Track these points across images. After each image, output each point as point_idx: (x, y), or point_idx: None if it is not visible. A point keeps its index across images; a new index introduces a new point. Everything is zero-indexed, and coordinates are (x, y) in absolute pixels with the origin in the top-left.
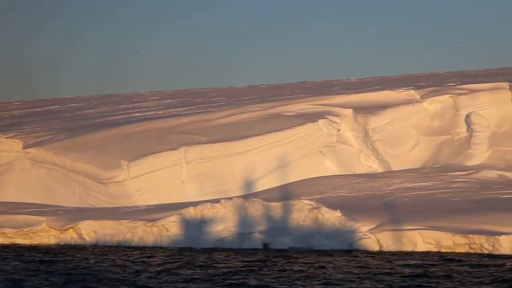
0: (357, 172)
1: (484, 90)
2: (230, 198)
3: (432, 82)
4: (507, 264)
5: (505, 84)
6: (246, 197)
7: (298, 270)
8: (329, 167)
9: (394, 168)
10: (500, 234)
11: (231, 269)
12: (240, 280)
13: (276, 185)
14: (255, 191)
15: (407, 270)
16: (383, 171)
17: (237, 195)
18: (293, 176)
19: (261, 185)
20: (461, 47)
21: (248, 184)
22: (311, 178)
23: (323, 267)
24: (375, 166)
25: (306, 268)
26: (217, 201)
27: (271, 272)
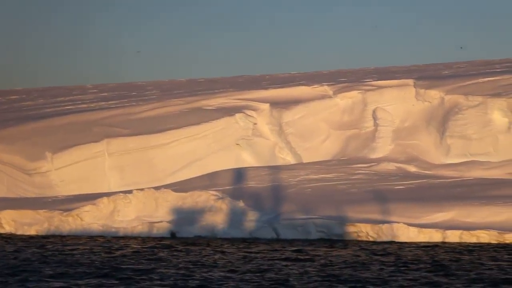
0: (272, 164)
1: (391, 86)
2: (142, 189)
3: (354, 77)
4: (388, 249)
5: (410, 81)
6: (166, 187)
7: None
8: (246, 160)
9: (306, 161)
10: (383, 223)
11: (126, 254)
12: (132, 266)
13: (193, 176)
14: (173, 182)
15: (295, 255)
16: (295, 163)
17: (157, 185)
18: (211, 168)
19: (180, 176)
20: (461, 47)
21: (167, 175)
22: (226, 169)
23: (209, 255)
24: (288, 159)
25: (195, 255)
26: (131, 191)
27: (152, 258)
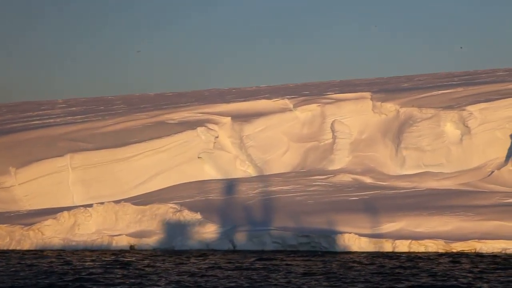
0: (233, 177)
1: (349, 99)
2: (102, 203)
3: (317, 91)
4: (342, 259)
5: (368, 95)
6: (129, 200)
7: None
8: (208, 172)
9: (266, 173)
10: (336, 233)
11: (83, 269)
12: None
13: (156, 189)
14: (137, 195)
15: (247, 266)
16: (256, 175)
17: (120, 198)
18: (174, 180)
19: (143, 189)
20: (461, 47)
21: (131, 188)
22: (188, 182)
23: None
24: (249, 171)
25: (146, 267)
26: (91, 205)
27: (106, 271)
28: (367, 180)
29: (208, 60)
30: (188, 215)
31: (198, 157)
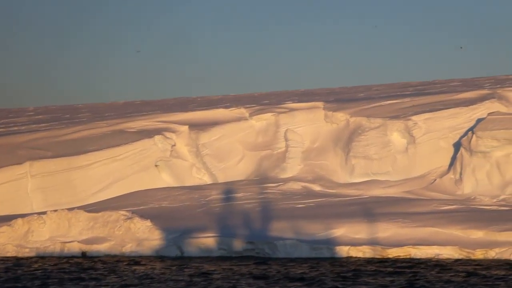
0: (189, 184)
1: (302, 109)
2: (55, 210)
3: (275, 100)
4: (281, 264)
5: (320, 104)
6: (86, 207)
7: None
8: (165, 180)
9: (221, 180)
10: (279, 240)
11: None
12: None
13: (112, 197)
14: (93, 202)
15: (188, 273)
16: (211, 183)
17: (77, 206)
18: (131, 188)
19: (101, 197)
20: (461, 47)
21: (88, 196)
22: (144, 190)
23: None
24: (205, 179)
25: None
26: (45, 212)
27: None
28: (316, 188)
29: (179, 67)
30: (138, 222)
31: (155, 165)
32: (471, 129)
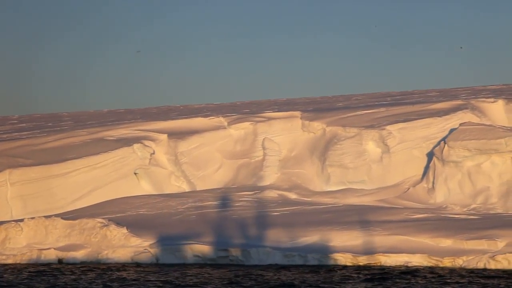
0: (168, 192)
1: (279, 118)
2: (33, 218)
3: (256, 109)
4: (253, 271)
5: (298, 113)
6: (65, 214)
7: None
8: (144, 188)
9: (199, 188)
10: (252, 247)
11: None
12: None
13: (90, 205)
14: (72, 210)
15: (161, 279)
16: (189, 191)
17: (56, 213)
18: (111, 196)
19: (80, 204)
20: (461, 47)
21: (68, 203)
22: (122, 197)
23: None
24: (183, 187)
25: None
26: (22, 219)
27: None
28: (292, 196)
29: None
30: (114, 230)
31: (134, 173)
32: (444, 139)
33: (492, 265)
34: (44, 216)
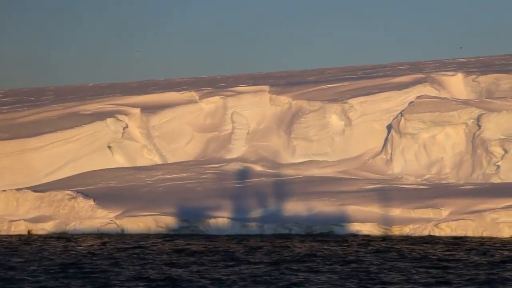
0: (141, 165)
1: (248, 92)
2: (4, 190)
3: (231, 83)
4: (211, 240)
5: (266, 88)
6: (37, 188)
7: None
8: (118, 161)
9: (170, 161)
10: (212, 218)
11: None
12: None
13: (64, 177)
14: (45, 182)
15: (125, 248)
16: (160, 163)
17: (32, 186)
18: (85, 169)
19: (55, 177)
20: (461, 47)
21: (43, 176)
22: (95, 170)
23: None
24: (155, 160)
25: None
26: None
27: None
28: (258, 168)
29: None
30: (82, 201)
31: (108, 147)
32: (402, 112)
33: (436, 233)
34: (16, 189)
